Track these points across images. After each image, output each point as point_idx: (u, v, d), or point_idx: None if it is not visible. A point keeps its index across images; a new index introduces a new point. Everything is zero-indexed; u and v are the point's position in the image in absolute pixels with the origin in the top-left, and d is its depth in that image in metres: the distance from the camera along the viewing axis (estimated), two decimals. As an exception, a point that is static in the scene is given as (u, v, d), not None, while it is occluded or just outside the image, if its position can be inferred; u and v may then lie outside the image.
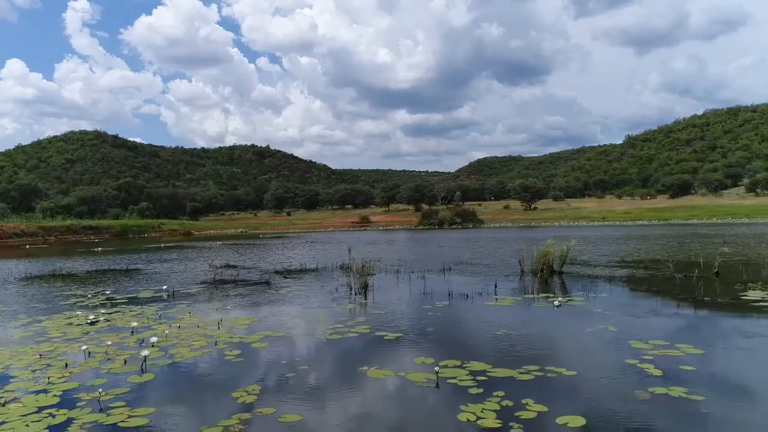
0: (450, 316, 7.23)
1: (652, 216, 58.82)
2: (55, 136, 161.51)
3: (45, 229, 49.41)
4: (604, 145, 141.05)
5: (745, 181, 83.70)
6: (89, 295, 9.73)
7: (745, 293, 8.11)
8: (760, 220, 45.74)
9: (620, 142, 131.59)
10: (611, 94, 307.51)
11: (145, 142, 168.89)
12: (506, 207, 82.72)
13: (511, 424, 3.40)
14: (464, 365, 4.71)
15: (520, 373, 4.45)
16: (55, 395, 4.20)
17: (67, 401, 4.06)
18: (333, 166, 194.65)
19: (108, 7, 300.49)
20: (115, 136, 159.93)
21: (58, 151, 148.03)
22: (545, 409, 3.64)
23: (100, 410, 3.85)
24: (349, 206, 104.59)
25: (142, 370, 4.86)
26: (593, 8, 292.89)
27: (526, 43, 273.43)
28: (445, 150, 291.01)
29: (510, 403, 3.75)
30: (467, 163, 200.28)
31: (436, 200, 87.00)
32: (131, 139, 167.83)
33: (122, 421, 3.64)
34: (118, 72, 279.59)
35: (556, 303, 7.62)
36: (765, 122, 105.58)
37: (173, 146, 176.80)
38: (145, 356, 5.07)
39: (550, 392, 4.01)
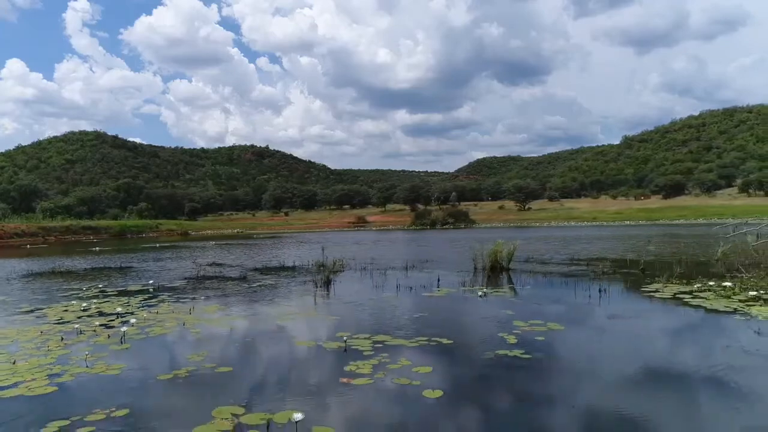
0: (385, 304, 8.59)
1: (641, 216, 60.06)
2: (55, 137, 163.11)
3: (45, 229, 50.93)
4: (602, 145, 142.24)
5: (738, 181, 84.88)
6: (84, 289, 11.10)
7: (647, 286, 9.44)
8: (741, 220, 46.89)
9: (617, 142, 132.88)
10: (611, 94, 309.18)
11: (145, 143, 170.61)
12: (501, 207, 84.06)
13: (380, 371, 4.76)
14: (371, 337, 6.07)
15: (410, 342, 5.81)
16: (52, 357, 5.56)
17: (61, 361, 5.42)
18: (333, 166, 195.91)
19: (108, 7, 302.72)
20: (115, 137, 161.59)
21: (58, 151, 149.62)
22: (409, 363, 5.00)
23: (86, 366, 5.22)
24: (347, 206, 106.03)
25: (121, 341, 6.22)
26: (593, 8, 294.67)
27: (526, 43, 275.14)
28: (445, 150, 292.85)
29: (387, 360, 5.11)
30: (466, 164, 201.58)
31: (431, 201, 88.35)
32: (131, 139, 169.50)
33: (101, 371, 5.01)
34: (118, 72, 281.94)
35: (480, 293, 8.97)
36: (760, 123, 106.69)
37: (173, 146, 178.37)
38: (124, 332, 6.45)
39: (423, 354, 5.36)
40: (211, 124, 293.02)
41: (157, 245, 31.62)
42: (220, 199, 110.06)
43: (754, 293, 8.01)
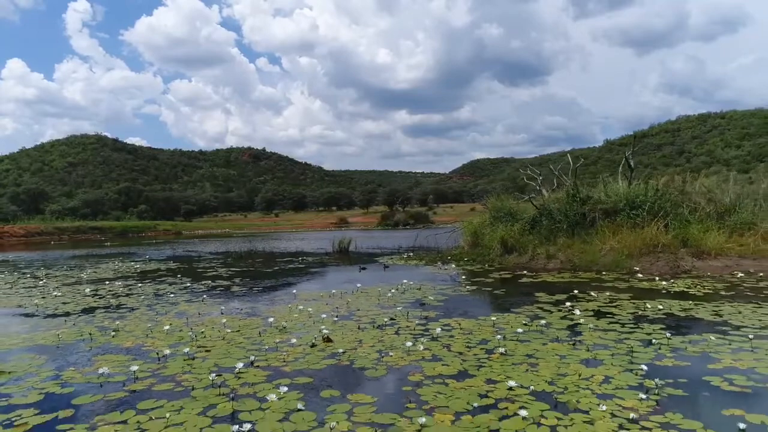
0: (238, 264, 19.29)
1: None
2: (58, 140, 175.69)
3: (59, 229, 62.18)
4: (583, 148, 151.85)
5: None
6: (113, 260, 21.95)
7: (391, 258, 19.99)
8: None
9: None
10: (611, 94, 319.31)
11: (145, 144, 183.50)
12: (473, 209, 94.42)
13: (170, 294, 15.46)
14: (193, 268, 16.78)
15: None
16: (98, 277, 16.32)
17: (102, 276, 16.18)
18: (333, 166, 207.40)
19: (108, 8, 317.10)
20: (116, 140, 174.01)
21: (61, 154, 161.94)
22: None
23: (120, 278, 15.97)
24: (334, 208, 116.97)
25: (136, 273, 16.98)
26: (593, 9, 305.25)
27: (527, 43, 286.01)
28: (445, 150, 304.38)
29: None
30: (461, 165, 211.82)
31: (409, 203, 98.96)
32: (132, 138, 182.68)
33: (123, 277, 15.79)
34: (119, 72, 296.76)
35: (301, 260, 19.65)
36: (731, 128, 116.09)
37: (172, 149, 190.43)
38: (137, 269, 17.24)
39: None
40: (211, 124, 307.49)
41: (154, 241, 42.61)
42: (215, 201, 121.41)
43: (420, 261, 18.58)
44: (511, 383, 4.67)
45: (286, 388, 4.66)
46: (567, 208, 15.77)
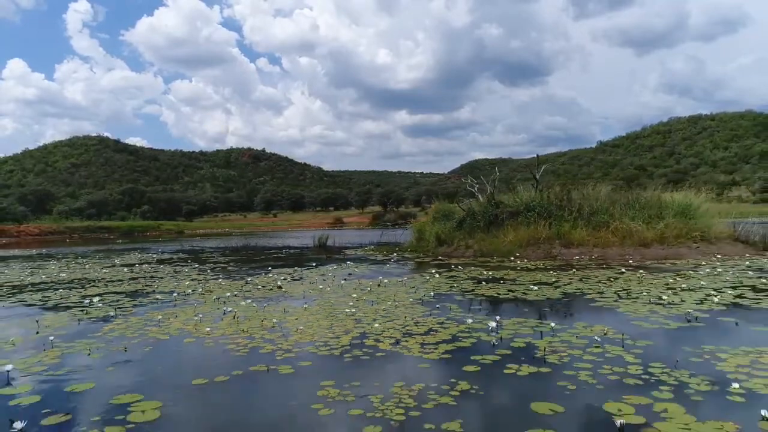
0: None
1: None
2: (60, 141, 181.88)
3: (70, 228, 67.79)
4: (579, 149, 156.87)
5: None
6: (131, 252, 27.30)
7: (358, 250, 25.26)
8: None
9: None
10: (611, 94, 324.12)
11: (146, 145, 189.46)
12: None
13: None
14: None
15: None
16: (127, 263, 21.66)
17: (130, 263, 21.52)
18: (333, 166, 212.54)
19: (109, 8, 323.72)
20: (117, 141, 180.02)
21: (64, 156, 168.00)
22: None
23: (144, 263, 21.31)
24: (331, 208, 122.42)
25: (155, 260, 22.31)
26: (593, 10, 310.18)
27: (527, 43, 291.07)
28: (445, 150, 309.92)
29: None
30: (459, 165, 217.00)
31: (403, 203, 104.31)
32: (133, 138, 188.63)
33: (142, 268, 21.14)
34: (120, 72, 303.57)
35: (284, 252, 24.94)
36: (720, 130, 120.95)
37: (173, 149, 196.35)
38: (154, 258, 22.57)
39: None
40: (212, 124, 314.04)
41: (160, 239, 48.06)
42: (216, 201, 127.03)
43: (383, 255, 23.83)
44: (354, 295, 9.99)
45: (249, 301, 9.97)
46: (484, 210, 20.99)
